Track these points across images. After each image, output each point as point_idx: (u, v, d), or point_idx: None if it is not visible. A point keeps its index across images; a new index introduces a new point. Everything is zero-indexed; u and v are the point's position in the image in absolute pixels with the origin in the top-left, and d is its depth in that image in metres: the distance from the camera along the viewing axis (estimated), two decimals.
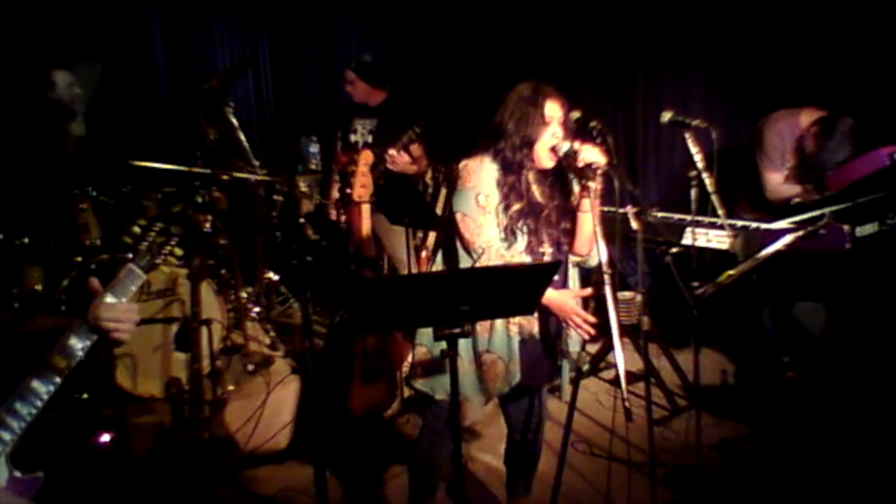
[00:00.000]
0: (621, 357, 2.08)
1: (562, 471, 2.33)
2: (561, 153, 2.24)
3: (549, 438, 2.74)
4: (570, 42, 5.19)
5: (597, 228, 2.14)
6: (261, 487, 3.15)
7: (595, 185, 2.18)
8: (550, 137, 2.25)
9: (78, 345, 1.59)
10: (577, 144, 2.22)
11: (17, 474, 1.55)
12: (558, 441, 3.10)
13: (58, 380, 1.57)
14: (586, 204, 2.22)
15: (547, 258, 2.31)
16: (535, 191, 2.31)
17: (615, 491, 2.92)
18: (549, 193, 2.34)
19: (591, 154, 2.19)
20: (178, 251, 1.87)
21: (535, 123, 2.24)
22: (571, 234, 2.36)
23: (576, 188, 2.31)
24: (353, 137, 4.41)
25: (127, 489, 3.03)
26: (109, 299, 1.65)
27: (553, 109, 2.26)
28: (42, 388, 1.55)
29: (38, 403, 1.54)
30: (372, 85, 4.34)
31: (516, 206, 2.26)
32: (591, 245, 2.31)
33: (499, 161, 2.29)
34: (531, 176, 2.31)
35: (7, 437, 1.51)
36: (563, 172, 2.34)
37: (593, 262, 2.38)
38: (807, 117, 3.70)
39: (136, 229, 1.80)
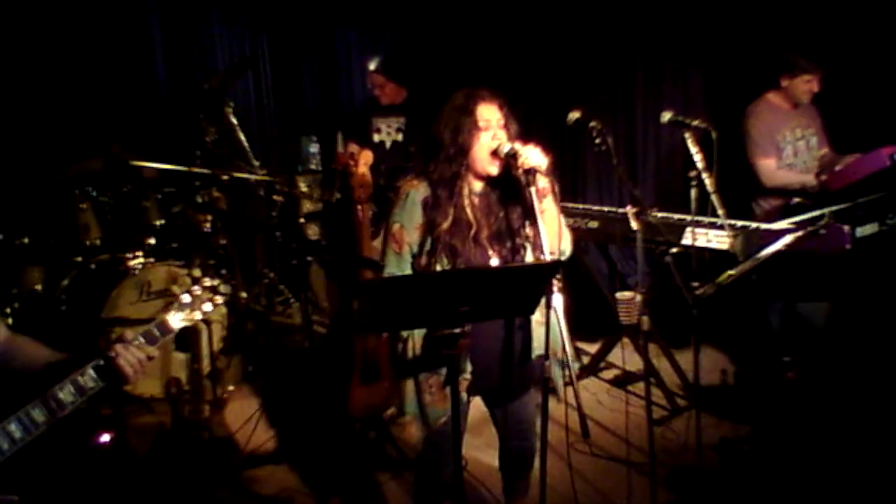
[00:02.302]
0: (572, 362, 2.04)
1: (545, 473, 2.33)
2: (502, 154, 2.19)
3: (550, 439, 2.73)
4: (570, 42, 5.19)
5: (543, 227, 2.08)
6: (261, 487, 3.15)
7: (541, 186, 2.13)
8: (490, 141, 2.20)
9: (90, 384, 1.56)
10: (517, 145, 2.17)
11: None
12: (559, 441, 3.11)
13: (60, 415, 1.53)
14: (543, 204, 2.15)
15: None
16: (467, 208, 2.25)
17: (615, 491, 2.92)
18: (492, 209, 2.28)
19: (532, 156, 2.13)
20: (223, 310, 1.86)
21: (468, 131, 2.19)
22: (529, 243, 2.29)
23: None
24: (376, 137, 4.36)
25: (127, 489, 3.04)
26: (136, 342, 1.63)
27: (488, 113, 2.22)
28: (41, 418, 1.51)
29: (34, 431, 1.50)
30: (400, 83, 4.29)
31: (443, 226, 2.20)
32: (559, 241, 2.24)
33: (433, 177, 2.23)
34: (466, 190, 2.25)
35: None
36: (514, 182, 2.24)
37: (566, 252, 2.31)
38: (774, 95, 3.78)
39: (187, 279, 1.79)
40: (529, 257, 2.28)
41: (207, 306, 1.81)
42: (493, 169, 2.22)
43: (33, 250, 3.85)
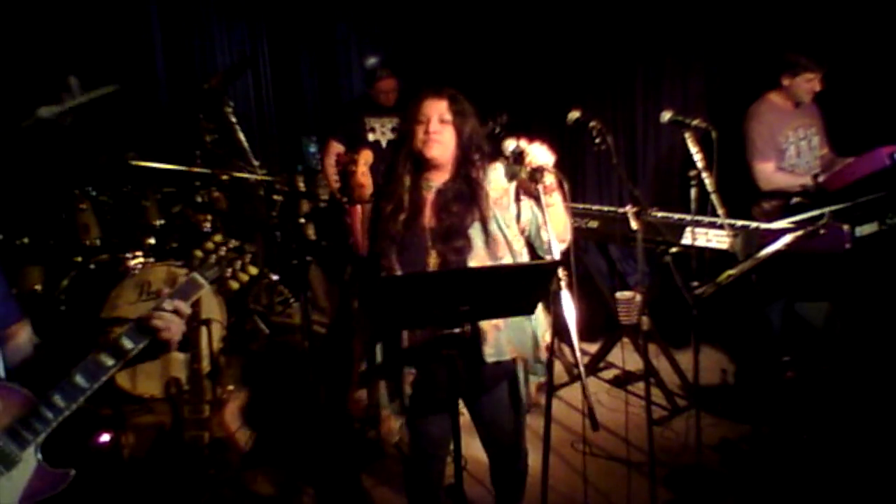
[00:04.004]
0: (580, 354, 2.03)
1: (546, 475, 2.33)
2: (507, 153, 2.20)
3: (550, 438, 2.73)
4: (570, 42, 5.19)
5: (551, 227, 2.10)
6: (261, 487, 3.15)
7: (548, 183, 2.14)
8: (421, 134, 2.24)
9: (128, 345, 1.58)
10: (523, 143, 2.18)
11: (46, 467, 1.54)
12: (559, 441, 3.11)
13: (103, 378, 1.56)
14: (552, 198, 2.16)
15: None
16: (427, 203, 2.26)
17: (615, 491, 2.92)
18: (446, 207, 2.25)
19: (538, 154, 2.14)
20: (253, 269, 1.84)
21: (408, 124, 2.27)
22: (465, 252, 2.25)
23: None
24: (371, 136, 4.37)
25: (127, 489, 3.04)
26: (167, 300, 1.63)
27: (429, 107, 2.24)
28: (85, 385, 1.53)
29: (80, 399, 1.53)
30: (404, 81, 4.31)
31: (387, 209, 2.26)
32: (564, 239, 2.25)
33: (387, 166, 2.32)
34: (423, 182, 2.28)
35: (40, 427, 1.51)
36: (475, 187, 2.25)
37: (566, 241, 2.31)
38: (775, 95, 3.76)
39: (210, 245, 1.77)
40: (478, 260, 2.21)
41: (236, 264, 1.80)
42: (430, 153, 2.23)
43: (33, 250, 3.85)
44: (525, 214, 2.28)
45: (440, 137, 2.22)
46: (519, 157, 2.17)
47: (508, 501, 2.57)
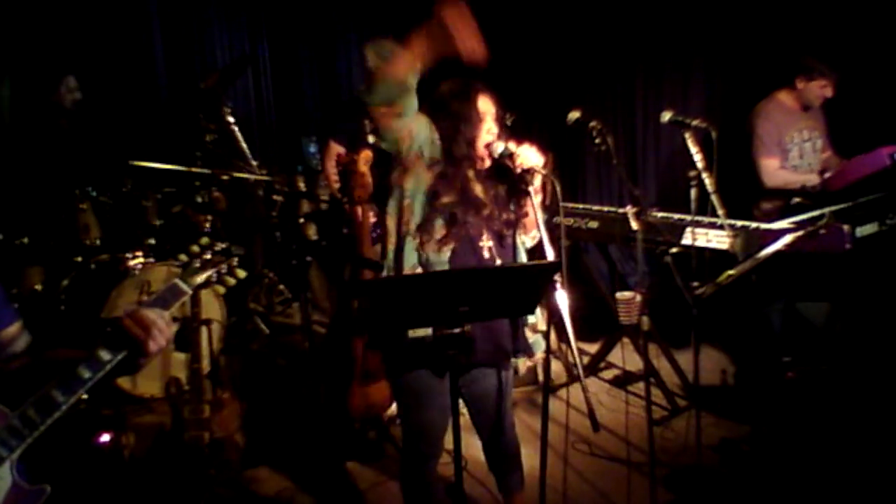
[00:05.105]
0: (577, 353, 2.03)
1: (544, 475, 2.32)
2: (496, 154, 2.19)
3: (550, 438, 2.73)
4: (570, 41, 5.19)
5: (541, 229, 2.11)
6: (261, 487, 3.15)
7: (536, 185, 2.14)
8: (485, 134, 2.20)
9: (106, 356, 1.50)
10: (512, 145, 2.17)
11: (22, 483, 1.48)
12: (559, 441, 3.11)
13: (81, 391, 1.49)
14: (532, 203, 2.17)
15: (486, 252, 2.22)
16: (476, 187, 2.23)
17: (615, 491, 2.93)
18: (486, 188, 2.26)
19: (528, 156, 2.13)
20: (241, 272, 1.79)
21: (470, 120, 2.20)
22: (515, 223, 2.29)
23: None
24: (371, 139, 4.38)
25: (127, 489, 3.04)
26: (146, 306, 1.57)
27: (485, 105, 2.23)
28: (61, 398, 1.47)
29: (55, 413, 1.47)
30: None
31: (445, 199, 2.17)
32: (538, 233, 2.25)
33: (445, 154, 2.23)
34: (471, 173, 2.24)
35: (14, 443, 1.45)
36: (501, 170, 2.26)
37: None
38: (785, 95, 3.78)
39: (196, 248, 1.73)
40: (519, 240, 2.26)
41: (222, 267, 1.74)
42: (486, 160, 2.21)
43: (33, 250, 3.85)
44: None
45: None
46: (509, 158, 2.16)
47: (508, 484, 2.56)
